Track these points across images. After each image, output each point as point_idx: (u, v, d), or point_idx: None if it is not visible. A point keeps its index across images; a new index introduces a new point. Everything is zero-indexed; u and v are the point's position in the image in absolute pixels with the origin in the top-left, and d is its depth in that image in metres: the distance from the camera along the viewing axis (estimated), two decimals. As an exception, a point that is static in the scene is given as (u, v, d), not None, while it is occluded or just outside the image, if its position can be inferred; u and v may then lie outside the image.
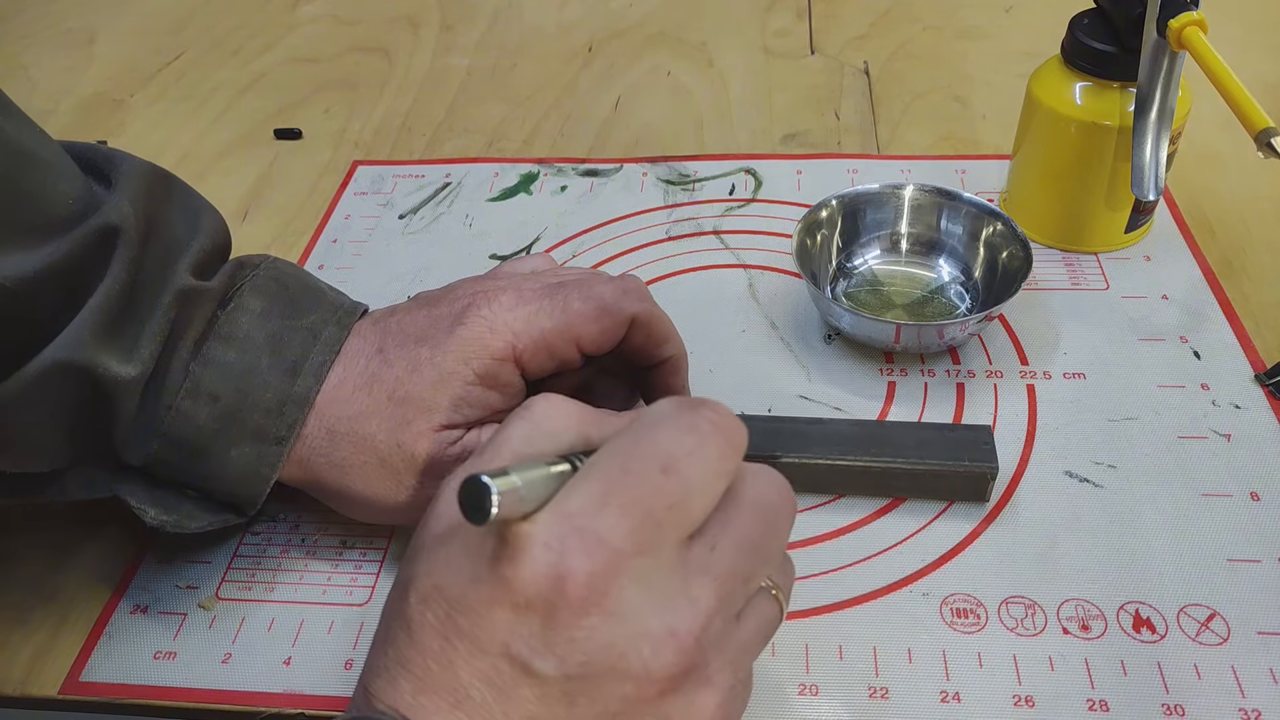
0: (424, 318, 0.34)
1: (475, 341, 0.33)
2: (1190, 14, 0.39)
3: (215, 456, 0.33)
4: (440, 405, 0.33)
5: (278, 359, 0.33)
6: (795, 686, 0.32)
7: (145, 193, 0.33)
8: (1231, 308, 0.45)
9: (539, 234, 0.53)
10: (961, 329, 0.41)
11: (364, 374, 0.34)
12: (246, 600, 0.36)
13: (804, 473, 0.37)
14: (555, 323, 0.33)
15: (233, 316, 0.33)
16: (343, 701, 0.33)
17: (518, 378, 0.34)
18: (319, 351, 0.34)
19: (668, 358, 0.36)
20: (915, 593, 0.35)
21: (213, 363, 0.32)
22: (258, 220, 0.56)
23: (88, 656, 0.35)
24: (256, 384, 0.33)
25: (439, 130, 0.62)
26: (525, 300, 0.34)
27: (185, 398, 0.32)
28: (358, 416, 0.33)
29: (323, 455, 0.33)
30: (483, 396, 0.33)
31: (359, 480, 0.33)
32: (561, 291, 0.34)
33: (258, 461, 0.33)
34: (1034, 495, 0.38)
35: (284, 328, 0.34)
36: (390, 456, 0.33)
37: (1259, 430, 0.39)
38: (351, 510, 0.35)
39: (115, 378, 0.31)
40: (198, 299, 0.33)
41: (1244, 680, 0.32)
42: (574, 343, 0.34)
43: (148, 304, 0.32)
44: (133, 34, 0.76)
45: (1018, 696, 0.32)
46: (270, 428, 0.33)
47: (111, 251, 0.31)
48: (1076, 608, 0.34)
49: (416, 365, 0.33)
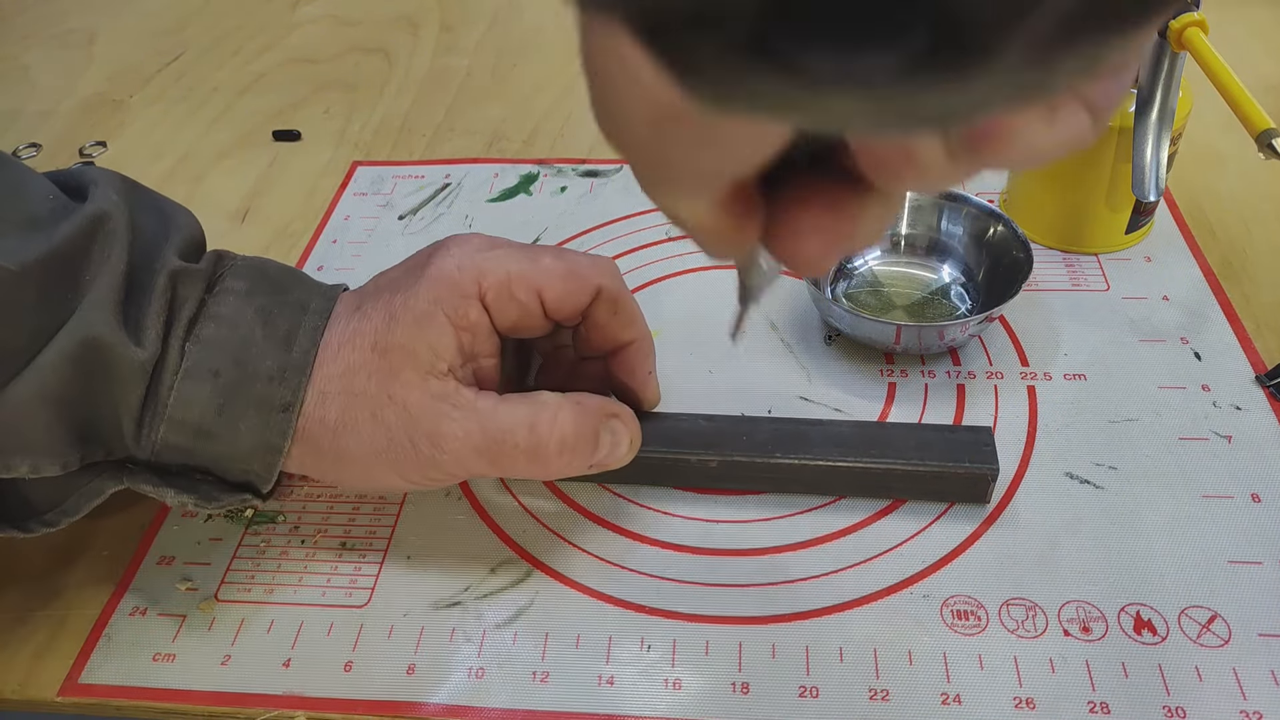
0: (398, 270, 0.36)
1: (443, 281, 0.33)
2: (1191, 15, 0.39)
3: (223, 435, 0.33)
4: (420, 351, 0.33)
5: (270, 330, 0.33)
6: (796, 689, 0.32)
7: (122, 192, 0.34)
8: (1232, 309, 0.45)
9: (539, 235, 0.53)
10: (962, 330, 0.41)
11: (345, 331, 0.34)
12: (246, 602, 0.36)
13: (804, 474, 0.37)
14: (522, 268, 0.34)
15: (220, 298, 0.34)
16: (343, 704, 0.33)
17: (486, 320, 0.34)
18: (310, 319, 0.34)
19: (631, 340, 0.37)
20: (916, 594, 0.35)
21: (207, 341, 0.33)
22: (257, 221, 0.56)
23: (87, 659, 0.35)
24: (254, 355, 0.33)
25: (439, 131, 0.62)
26: (496, 245, 0.35)
27: (185, 378, 0.32)
28: (345, 374, 0.33)
29: (316, 420, 0.33)
30: (456, 338, 0.33)
31: (353, 440, 0.33)
32: (535, 249, 0.35)
33: (267, 431, 0.33)
34: (1034, 497, 0.38)
35: (271, 303, 0.34)
36: (382, 410, 0.33)
37: (1260, 432, 0.39)
38: (351, 478, 0.35)
39: (131, 358, 0.31)
40: (188, 279, 0.33)
41: (1245, 682, 0.32)
42: (537, 294, 0.34)
43: (145, 287, 0.32)
44: (132, 34, 0.76)
45: (1019, 698, 0.32)
46: (274, 395, 0.33)
47: (108, 236, 0.32)
48: (1077, 609, 0.34)
49: (392, 313, 0.33)
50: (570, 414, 0.33)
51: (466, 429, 0.32)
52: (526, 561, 0.37)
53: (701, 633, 0.34)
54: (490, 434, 0.32)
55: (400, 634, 0.35)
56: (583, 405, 0.34)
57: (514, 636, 0.35)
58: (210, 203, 0.57)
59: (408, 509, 0.39)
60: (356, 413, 0.33)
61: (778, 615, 0.34)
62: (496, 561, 0.37)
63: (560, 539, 0.38)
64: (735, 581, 0.36)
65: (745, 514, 0.38)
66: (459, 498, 0.39)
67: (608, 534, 0.38)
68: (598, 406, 0.34)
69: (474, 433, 0.32)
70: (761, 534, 0.37)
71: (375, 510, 0.39)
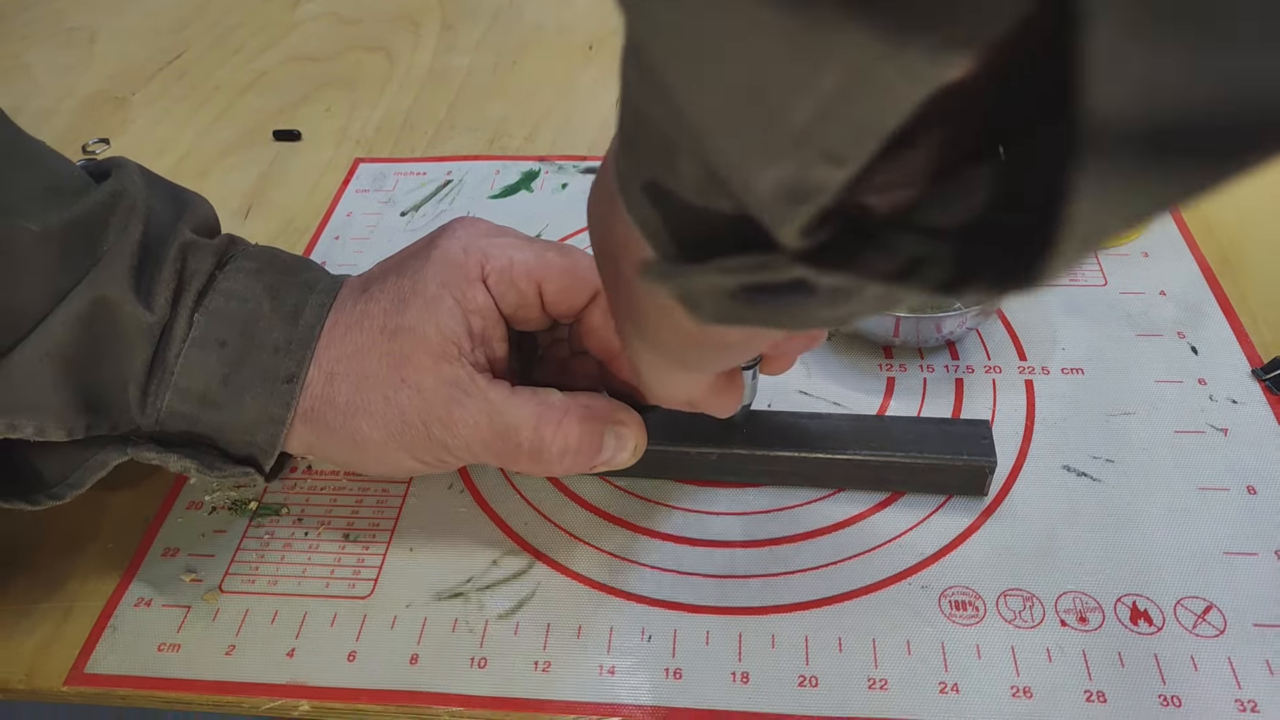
0: (404, 253, 0.36)
1: (449, 263, 0.34)
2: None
3: (228, 405, 0.33)
4: (430, 334, 0.33)
5: (278, 304, 0.34)
6: (795, 678, 0.33)
7: (142, 175, 0.35)
8: (1229, 303, 0.45)
9: (540, 231, 0.53)
10: (960, 323, 0.42)
11: (353, 314, 0.34)
12: (250, 593, 0.37)
13: (804, 467, 0.37)
14: (524, 258, 0.34)
15: (230, 275, 0.35)
16: (346, 693, 0.33)
17: (492, 303, 0.34)
18: (316, 297, 0.35)
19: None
20: (914, 585, 0.35)
21: (217, 312, 0.34)
22: (260, 218, 0.56)
23: (92, 649, 0.35)
24: (261, 327, 0.34)
25: (440, 128, 0.62)
26: (504, 233, 0.35)
27: (193, 346, 0.33)
28: (354, 355, 0.34)
29: (325, 400, 0.34)
30: (465, 321, 0.33)
31: (366, 422, 0.33)
32: (542, 243, 0.36)
33: (270, 402, 0.33)
34: (1032, 489, 0.38)
35: (280, 282, 0.35)
36: (396, 392, 0.33)
37: (1256, 425, 0.39)
38: (365, 461, 0.35)
39: (139, 320, 0.32)
40: (200, 252, 0.34)
41: (1240, 671, 0.32)
42: (537, 287, 0.34)
43: (158, 257, 0.33)
44: (134, 33, 0.77)
45: (1016, 688, 0.32)
46: (279, 366, 0.33)
47: (127, 209, 0.33)
48: (1074, 600, 0.34)
49: (401, 296, 0.34)
50: (576, 418, 0.33)
51: (476, 419, 0.33)
52: (528, 553, 0.37)
53: (702, 623, 0.34)
54: (496, 429, 0.33)
55: (403, 624, 0.35)
56: (590, 409, 0.34)
57: (516, 627, 0.35)
58: (213, 200, 0.56)
59: (410, 500, 0.39)
60: (369, 394, 0.33)
61: (777, 605, 0.35)
62: (499, 553, 0.37)
63: (562, 531, 0.38)
64: (735, 572, 0.36)
65: (745, 506, 0.38)
66: (461, 489, 0.40)
67: (609, 526, 0.38)
68: (605, 411, 0.35)
69: (482, 423, 0.33)
70: (761, 526, 0.37)
71: (378, 502, 0.39)
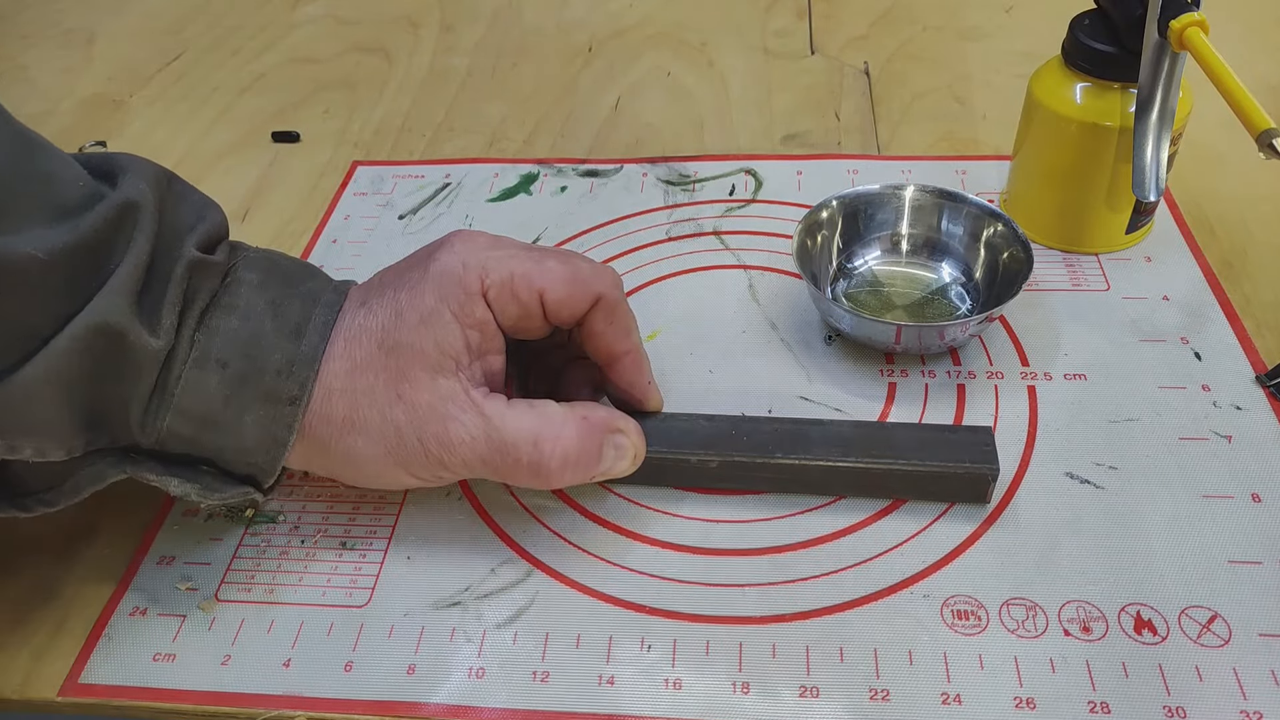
0: (403, 265, 0.36)
1: (448, 276, 0.33)
2: (1191, 14, 0.39)
3: (229, 426, 0.33)
4: (428, 350, 0.33)
5: (281, 322, 0.33)
6: (796, 688, 0.32)
7: (153, 181, 0.34)
8: (1232, 309, 0.45)
9: (539, 234, 0.53)
10: (962, 330, 0.41)
11: (351, 328, 0.34)
12: (246, 602, 0.36)
13: (805, 474, 0.37)
14: (525, 269, 0.34)
15: (231, 289, 0.34)
16: (343, 704, 0.33)
17: (491, 317, 0.34)
18: (320, 313, 0.34)
19: (626, 352, 0.37)
20: (916, 594, 0.35)
21: (217, 331, 0.33)
22: (257, 220, 0.56)
23: (87, 658, 0.35)
24: (264, 347, 0.33)
25: (439, 130, 0.62)
26: (501, 245, 0.35)
27: (193, 367, 0.32)
28: (351, 371, 0.33)
29: (321, 417, 0.33)
30: (463, 336, 0.33)
31: (362, 439, 0.33)
32: (540, 250, 0.35)
33: (272, 425, 0.33)
34: (1035, 497, 0.38)
35: (283, 295, 0.34)
36: (391, 409, 0.33)
37: (1260, 431, 0.39)
38: (360, 476, 0.35)
39: (145, 346, 0.31)
40: (206, 271, 0.33)
41: (1245, 682, 0.32)
42: (538, 297, 0.34)
43: (164, 277, 0.32)
44: (132, 34, 0.76)
45: (1019, 698, 0.32)
46: (282, 389, 0.33)
47: (134, 226, 0.32)
48: (1078, 609, 0.34)
49: (398, 310, 0.33)
50: (574, 430, 0.33)
51: (473, 435, 0.32)
52: (527, 561, 0.37)
53: (702, 632, 0.34)
54: (494, 445, 0.32)
55: (400, 634, 0.35)
56: (588, 420, 0.34)
57: (514, 636, 0.35)
58: (210, 202, 0.57)
59: (408, 509, 0.39)
60: (365, 411, 0.33)
61: (778, 615, 0.34)
62: (497, 561, 0.37)
63: (560, 539, 0.38)
64: (735, 581, 0.36)
65: (745, 514, 0.38)
66: (459, 497, 0.39)
67: (608, 534, 0.38)
68: (603, 421, 0.34)
69: (479, 440, 0.32)
70: (762, 534, 0.37)
71: (375, 510, 0.39)
